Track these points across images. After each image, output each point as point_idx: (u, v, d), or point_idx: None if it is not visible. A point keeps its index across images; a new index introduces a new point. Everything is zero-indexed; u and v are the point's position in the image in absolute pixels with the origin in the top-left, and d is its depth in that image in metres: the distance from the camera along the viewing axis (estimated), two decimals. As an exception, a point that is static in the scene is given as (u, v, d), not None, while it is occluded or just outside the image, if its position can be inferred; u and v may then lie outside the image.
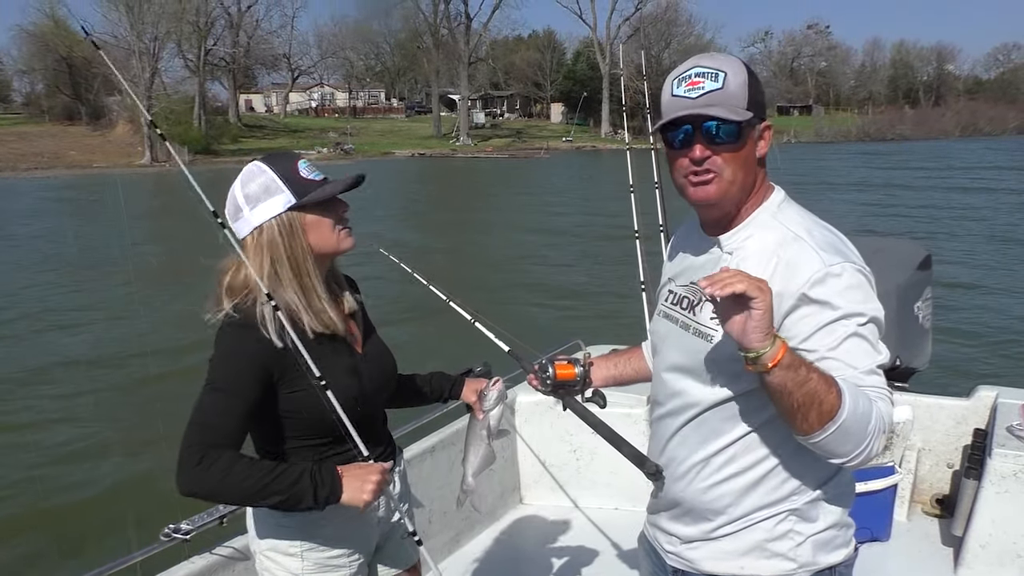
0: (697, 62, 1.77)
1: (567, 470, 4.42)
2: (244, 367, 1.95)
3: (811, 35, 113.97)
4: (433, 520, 3.85)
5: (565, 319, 12.40)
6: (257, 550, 2.17)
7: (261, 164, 2.04)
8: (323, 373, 1.95)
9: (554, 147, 68.70)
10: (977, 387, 4.21)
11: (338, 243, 2.08)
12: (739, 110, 1.73)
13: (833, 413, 1.54)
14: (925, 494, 4.20)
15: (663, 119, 1.77)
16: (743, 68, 1.76)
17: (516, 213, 28.65)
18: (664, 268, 2.10)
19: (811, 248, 1.70)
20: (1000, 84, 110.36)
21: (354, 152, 62.71)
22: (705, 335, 1.80)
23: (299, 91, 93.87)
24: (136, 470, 7.48)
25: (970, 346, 10.64)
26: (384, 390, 2.25)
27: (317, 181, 2.04)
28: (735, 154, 1.75)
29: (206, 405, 1.93)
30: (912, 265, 4.29)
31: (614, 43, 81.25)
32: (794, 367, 1.54)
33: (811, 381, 1.55)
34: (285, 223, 2.00)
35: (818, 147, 70.11)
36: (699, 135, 1.74)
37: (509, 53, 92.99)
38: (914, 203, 28.51)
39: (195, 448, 1.88)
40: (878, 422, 1.60)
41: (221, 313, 1.97)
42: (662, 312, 2.00)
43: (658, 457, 1.96)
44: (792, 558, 1.81)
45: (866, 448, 1.60)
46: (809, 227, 1.77)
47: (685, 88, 1.74)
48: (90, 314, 14.14)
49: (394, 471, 2.30)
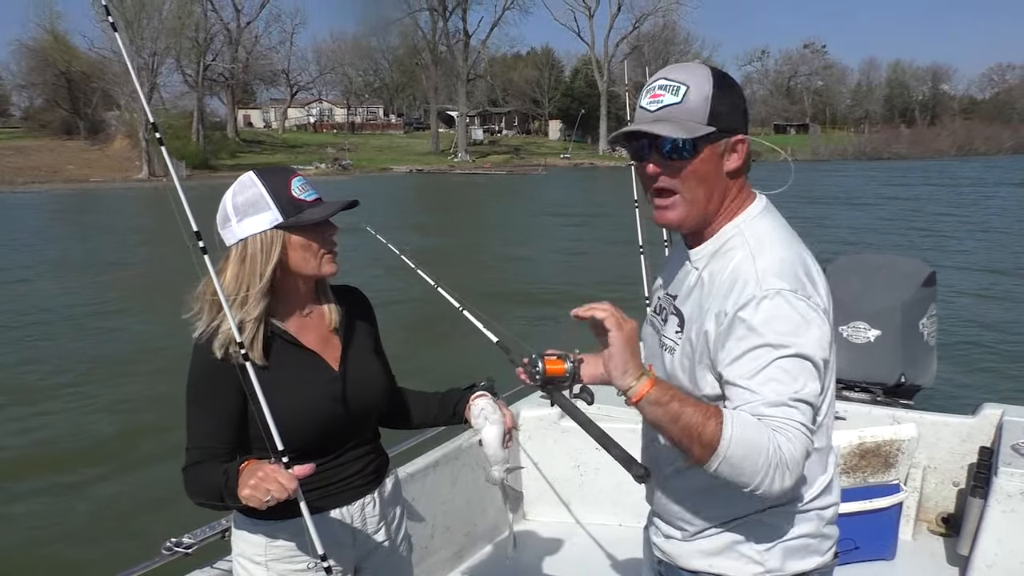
0: (665, 73, 1.76)
1: (570, 485, 4.39)
2: (208, 383, 2.01)
3: (808, 54, 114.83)
4: (435, 535, 3.82)
5: (564, 328, 12.33)
6: (233, 556, 2.22)
7: (254, 177, 2.03)
8: (292, 389, 1.98)
9: (552, 164, 68.91)
10: (982, 405, 4.18)
11: (319, 268, 2.06)
12: (692, 124, 1.69)
13: (714, 446, 1.53)
14: (930, 512, 4.18)
15: (622, 129, 1.77)
16: (709, 80, 1.72)
17: (515, 228, 28.65)
18: (659, 277, 2.12)
19: (754, 270, 1.66)
20: (995, 104, 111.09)
21: (352, 168, 62.84)
22: (668, 347, 1.83)
23: (297, 107, 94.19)
24: (138, 482, 7.42)
25: (975, 363, 10.60)
26: (363, 409, 2.19)
27: (308, 202, 2.02)
28: (690, 170, 1.72)
29: (187, 419, 2.03)
30: (917, 282, 4.30)
31: (612, 61, 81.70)
32: (662, 403, 1.56)
33: (684, 415, 1.56)
34: (268, 241, 1.99)
35: (815, 165, 70.28)
36: (653, 151, 1.73)
37: (507, 70, 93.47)
38: (915, 220, 28.57)
39: (184, 459, 2.00)
40: (775, 455, 1.52)
41: (196, 331, 2.02)
42: (648, 320, 2.03)
43: (645, 461, 1.97)
44: (760, 561, 1.81)
45: (762, 481, 1.53)
46: (769, 245, 1.73)
47: (648, 100, 1.74)
48: (87, 320, 14.10)
49: (371, 493, 2.26)
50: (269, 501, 1.78)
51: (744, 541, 1.81)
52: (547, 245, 24.04)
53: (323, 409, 2.07)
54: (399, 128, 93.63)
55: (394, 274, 11.33)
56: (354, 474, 2.20)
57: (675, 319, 1.81)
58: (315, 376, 2.10)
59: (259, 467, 1.83)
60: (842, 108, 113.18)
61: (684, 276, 1.85)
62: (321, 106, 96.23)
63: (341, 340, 2.18)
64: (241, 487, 1.81)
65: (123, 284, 17.57)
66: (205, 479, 1.95)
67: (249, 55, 78.21)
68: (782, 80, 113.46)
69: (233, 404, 2.01)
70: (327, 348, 2.15)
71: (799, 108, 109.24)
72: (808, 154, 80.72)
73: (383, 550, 2.31)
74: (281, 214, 1.98)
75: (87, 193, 45.12)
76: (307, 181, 2.07)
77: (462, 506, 3.94)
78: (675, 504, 1.90)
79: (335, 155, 67.08)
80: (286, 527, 2.08)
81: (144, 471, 7.58)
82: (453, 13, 78.01)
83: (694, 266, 1.82)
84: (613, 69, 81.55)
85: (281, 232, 1.99)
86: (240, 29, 75.23)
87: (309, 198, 2.02)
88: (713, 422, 1.53)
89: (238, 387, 1.98)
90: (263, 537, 2.12)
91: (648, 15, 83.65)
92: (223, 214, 2.02)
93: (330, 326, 2.16)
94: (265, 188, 1.99)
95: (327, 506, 2.14)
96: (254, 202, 1.99)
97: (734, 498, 1.73)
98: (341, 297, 2.23)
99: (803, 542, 1.82)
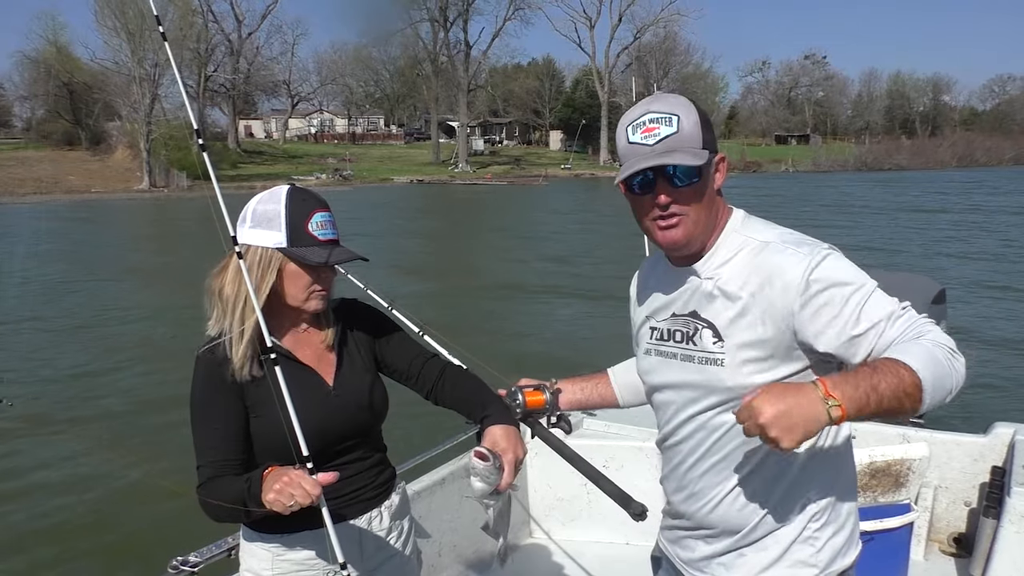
0: (648, 107, 1.80)
1: (577, 503, 4.36)
2: (213, 396, 2.02)
3: (808, 65, 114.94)
4: (443, 553, 3.79)
5: (567, 341, 12.43)
6: (241, 572, 2.22)
7: (284, 194, 2.04)
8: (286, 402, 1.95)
9: (553, 174, 68.92)
10: (994, 424, 4.16)
11: (304, 302, 2.07)
12: (697, 151, 1.77)
13: (919, 385, 1.55)
14: (942, 533, 4.15)
15: (626, 168, 1.80)
16: (693, 108, 1.81)
17: (514, 240, 28.65)
18: (636, 309, 2.12)
19: (786, 249, 1.77)
20: (996, 115, 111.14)
21: (353, 178, 62.88)
22: (714, 360, 1.84)
23: (298, 117, 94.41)
24: (145, 499, 7.38)
25: (985, 382, 10.53)
26: (360, 424, 2.17)
27: (320, 240, 2.02)
28: (697, 195, 1.80)
29: (195, 436, 2.04)
30: (927, 300, 4.28)
31: (612, 71, 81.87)
32: (858, 402, 1.54)
33: (880, 387, 1.55)
34: (267, 258, 2.01)
35: (816, 176, 70.36)
36: (661, 181, 1.78)
37: (508, 80, 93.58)
38: (922, 233, 28.48)
39: (197, 477, 2.00)
40: (943, 352, 1.60)
41: (203, 345, 2.05)
42: (651, 350, 2.02)
43: (677, 482, 2.00)
44: (814, 564, 1.89)
45: (955, 376, 1.60)
46: (775, 233, 1.85)
47: (641, 135, 1.78)
48: (85, 330, 14.09)
49: (379, 506, 2.26)
50: (293, 506, 1.78)
51: (795, 546, 1.88)
52: (545, 256, 24.03)
53: (319, 424, 2.06)
54: (400, 139, 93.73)
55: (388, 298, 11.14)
56: (360, 488, 2.20)
57: (708, 331, 1.84)
58: (311, 392, 2.09)
59: (284, 472, 1.83)
60: (843, 119, 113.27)
61: (693, 291, 1.88)
62: (322, 116, 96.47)
63: (336, 356, 2.17)
64: (266, 492, 1.81)
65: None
66: (224, 490, 1.94)
67: (250, 66, 78.50)
68: (783, 91, 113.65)
69: (239, 416, 2.02)
70: (323, 364, 2.15)
71: (800, 119, 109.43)
72: (809, 165, 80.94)
73: (392, 564, 2.30)
74: (287, 240, 1.99)
75: (88, 204, 45.05)
76: (331, 219, 2.06)
77: (469, 524, 3.90)
78: (722, 520, 1.92)
79: (336, 165, 67.13)
80: (294, 541, 2.09)
81: (150, 488, 7.53)
82: (454, 24, 78.24)
83: (704, 278, 1.86)
84: (614, 80, 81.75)
85: (280, 256, 2.01)
86: (241, 40, 75.60)
87: (323, 237, 2.03)
88: (901, 368, 1.56)
89: (241, 399, 2.01)
90: (271, 552, 2.11)
91: (649, 26, 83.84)
92: (244, 213, 2.05)
93: (326, 342, 2.16)
94: (286, 210, 2.00)
95: (335, 519, 2.11)
96: (270, 218, 2.01)
97: (798, 496, 1.86)
98: (338, 311, 2.22)
99: (844, 537, 1.92)
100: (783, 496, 1.87)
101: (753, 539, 1.90)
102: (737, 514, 1.90)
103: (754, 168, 77.65)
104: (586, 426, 4.49)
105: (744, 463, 1.86)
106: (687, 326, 1.89)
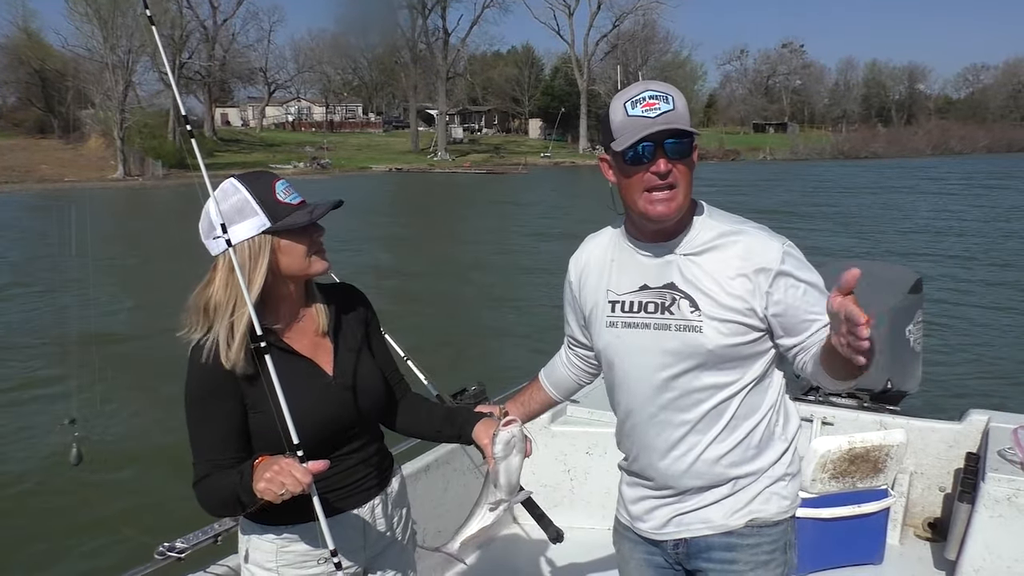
0: (647, 86, 1.96)
1: (560, 490, 4.39)
2: (208, 394, 1.99)
3: (786, 54, 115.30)
4: (427, 539, 3.80)
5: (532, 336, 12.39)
6: (242, 564, 2.19)
7: (236, 183, 2.00)
8: (289, 396, 1.92)
9: (532, 163, 68.85)
10: (969, 411, 4.23)
11: (309, 267, 2.05)
12: (689, 127, 1.93)
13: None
14: (917, 517, 4.22)
15: (629, 136, 1.90)
16: (679, 93, 1.97)
17: (492, 230, 28.60)
18: (587, 288, 2.21)
19: (759, 235, 2.01)
20: (970, 104, 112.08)
21: (331, 167, 62.49)
22: (692, 327, 2.00)
23: (276, 105, 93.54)
24: (133, 487, 7.39)
25: (960, 369, 10.69)
26: (361, 410, 2.16)
27: (294, 205, 2.01)
28: (688, 170, 1.95)
29: (191, 434, 2.01)
30: (903, 289, 4.33)
31: (592, 60, 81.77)
32: None
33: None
34: (256, 247, 1.97)
35: (794, 165, 70.70)
36: (660, 151, 1.91)
37: (487, 68, 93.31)
38: (897, 223, 28.68)
39: (193, 471, 1.99)
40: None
41: (192, 341, 2.01)
42: (617, 323, 2.11)
43: (657, 454, 2.12)
44: (786, 496, 2.13)
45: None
46: (741, 221, 2.06)
47: (642, 109, 1.92)
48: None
49: (380, 494, 2.26)
50: (284, 495, 1.77)
51: (775, 483, 2.11)
52: (524, 246, 23.98)
53: (321, 414, 2.05)
54: (378, 127, 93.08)
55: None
56: (362, 477, 2.19)
57: (685, 301, 2.00)
58: (310, 382, 2.08)
59: (274, 461, 1.82)
60: (820, 107, 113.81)
61: (668, 265, 2.04)
62: (300, 105, 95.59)
63: (332, 342, 2.15)
64: (256, 480, 1.80)
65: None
66: (219, 484, 1.94)
67: (226, 53, 77.48)
68: (761, 79, 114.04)
69: (235, 414, 2.00)
70: (319, 352, 2.12)
71: (778, 107, 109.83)
72: (787, 153, 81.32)
73: (393, 550, 2.31)
74: (269, 219, 1.97)
75: (62, 193, 44.41)
76: (289, 184, 2.06)
77: (454, 510, 3.92)
78: (709, 475, 2.08)
79: (314, 154, 66.69)
80: (297, 532, 2.07)
81: (138, 475, 7.54)
82: (432, 11, 77.81)
83: (681, 254, 2.03)
84: (593, 68, 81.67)
85: (269, 237, 1.98)
86: (217, 26, 74.65)
87: (294, 201, 2.01)
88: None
89: (238, 396, 1.99)
90: (274, 543, 2.10)
91: (628, 13, 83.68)
92: (208, 223, 1.99)
93: (321, 329, 2.14)
94: (250, 193, 1.97)
95: (338, 509, 2.12)
96: (240, 208, 1.96)
97: (772, 441, 2.10)
98: (331, 296, 2.20)
99: (799, 483, 2.20)
100: (757, 440, 2.08)
101: (737, 486, 2.09)
102: (720, 464, 2.07)
103: (732, 156, 77.89)
104: (570, 413, 4.52)
105: (727, 417, 2.04)
106: (662, 297, 2.04)
